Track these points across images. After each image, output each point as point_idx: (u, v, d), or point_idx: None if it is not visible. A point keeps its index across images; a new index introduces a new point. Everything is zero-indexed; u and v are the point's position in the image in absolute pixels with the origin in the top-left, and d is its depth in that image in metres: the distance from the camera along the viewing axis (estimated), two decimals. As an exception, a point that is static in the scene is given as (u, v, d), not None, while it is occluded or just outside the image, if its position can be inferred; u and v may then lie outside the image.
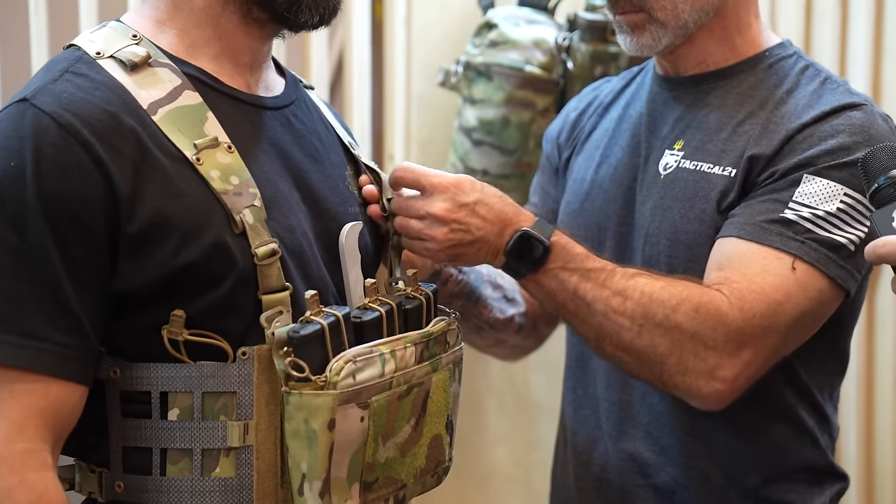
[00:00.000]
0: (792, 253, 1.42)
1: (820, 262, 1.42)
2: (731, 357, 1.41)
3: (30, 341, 1.13)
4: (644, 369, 1.44)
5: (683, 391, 1.43)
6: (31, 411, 1.13)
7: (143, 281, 1.16)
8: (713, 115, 1.54)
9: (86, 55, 1.21)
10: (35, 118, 1.14)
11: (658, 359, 1.41)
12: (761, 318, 1.41)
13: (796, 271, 1.42)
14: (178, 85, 1.22)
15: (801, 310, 1.42)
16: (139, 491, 1.19)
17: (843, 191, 1.43)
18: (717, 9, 1.54)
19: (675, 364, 1.41)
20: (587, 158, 1.67)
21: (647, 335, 1.40)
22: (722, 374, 1.41)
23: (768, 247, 1.42)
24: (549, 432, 2.48)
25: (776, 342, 1.43)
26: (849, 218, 1.43)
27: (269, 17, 1.26)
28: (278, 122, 1.30)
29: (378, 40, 2.37)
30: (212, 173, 1.19)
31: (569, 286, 1.41)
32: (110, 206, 1.14)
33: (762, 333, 1.41)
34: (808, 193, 1.43)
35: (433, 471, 1.29)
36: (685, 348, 1.40)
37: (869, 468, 2.44)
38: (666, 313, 1.40)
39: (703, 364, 1.41)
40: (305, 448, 1.15)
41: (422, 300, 1.30)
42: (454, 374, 1.32)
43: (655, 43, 1.54)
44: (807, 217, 1.42)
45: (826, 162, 1.44)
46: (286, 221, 1.23)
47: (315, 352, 1.16)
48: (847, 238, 1.43)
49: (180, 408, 1.18)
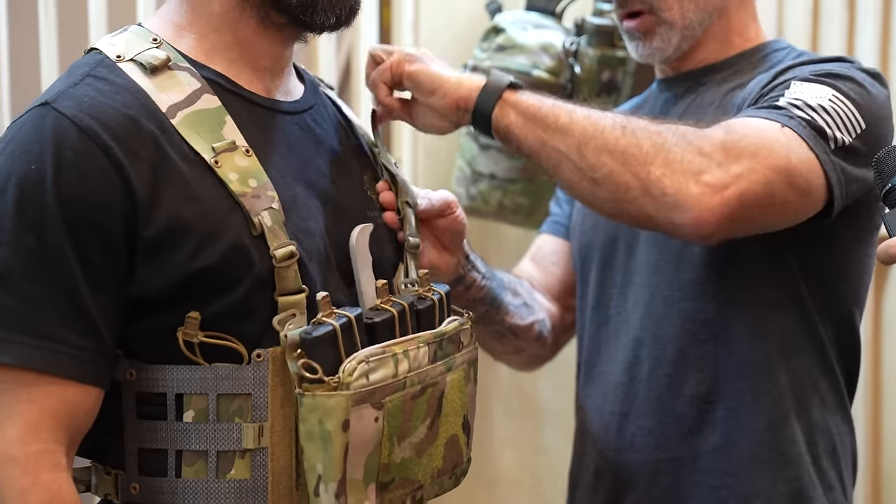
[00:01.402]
0: (781, 123, 1.41)
1: (806, 135, 1.41)
2: (719, 166, 1.35)
3: (46, 343, 1.13)
4: (629, 173, 1.36)
5: (670, 194, 1.35)
6: (46, 413, 1.14)
7: (160, 284, 1.17)
8: (706, 94, 1.58)
9: (106, 59, 1.22)
10: (56, 122, 1.15)
11: (643, 158, 1.35)
12: (747, 142, 1.37)
13: (784, 130, 1.40)
14: (197, 88, 1.23)
15: (789, 159, 1.38)
16: (154, 493, 1.20)
17: (832, 93, 1.44)
18: (720, 10, 1.59)
19: (662, 163, 1.34)
20: None
21: (630, 135, 1.37)
22: (707, 178, 1.34)
23: (758, 117, 1.42)
24: (555, 437, 2.49)
25: (765, 171, 1.36)
26: (836, 117, 1.43)
27: (286, 20, 1.27)
28: (297, 127, 1.31)
29: (385, 44, 2.37)
30: (230, 176, 1.19)
31: (547, 101, 1.41)
32: (128, 210, 1.15)
33: (749, 156, 1.36)
34: (799, 91, 1.45)
35: (451, 471, 1.30)
36: (671, 150, 1.35)
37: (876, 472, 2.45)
38: (647, 122, 1.40)
39: (688, 165, 1.35)
40: (320, 449, 1.15)
41: (434, 300, 1.30)
42: (469, 374, 1.32)
43: (665, 46, 1.57)
44: (798, 105, 1.43)
45: (814, 73, 1.47)
46: (303, 225, 1.24)
47: (327, 353, 1.17)
48: (832, 133, 1.42)
49: (195, 410, 1.19)
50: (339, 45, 2.36)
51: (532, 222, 2.22)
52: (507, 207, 2.17)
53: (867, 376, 2.40)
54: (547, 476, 2.49)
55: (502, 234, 2.37)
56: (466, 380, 1.31)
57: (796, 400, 1.54)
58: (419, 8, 2.35)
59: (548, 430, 2.49)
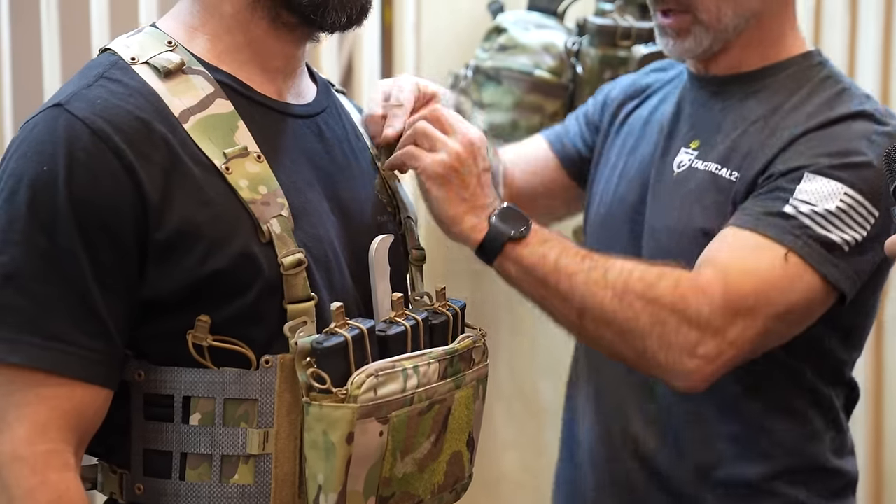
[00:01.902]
0: (786, 245, 1.42)
1: (813, 258, 1.42)
2: (714, 335, 1.40)
3: (56, 344, 1.14)
4: (626, 345, 1.42)
5: (665, 368, 1.42)
6: (55, 413, 1.14)
7: (170, 287, 1.17)
8: (729, 117, 1.57)
9: (121, 60, 1.22)
10: (68, 123, 1.15)
11: (639, 332, 1.40)
12: (745, 299, 1.40)
13: (788, 263, 1.41)
14: (211, 93, 1.22)
15: (789, 300, 1.42)
16: (158, 494, 1.20)
17: (844, 190, 1.43)
18: (758, 16, 1.56)
19: (657, 338, 1.40)
20: (620, 147, 1.69)
21: (628, 307, 1.40)
22: (702, 352, 1.40)
23: (763, 235, 1.43)
24: (556, 438, 2.49)
25: (760, 326, 1.41)
26: (847, 218, 1.43)
27: (297, 20, 1.26)
28: (309, 131, 1.30)
29: (387, 45, 2.37)
30: (240, 182, 1.19)
31: (549, 261, 1.41)
32: (140, 212, 1.15)
33: (746, 313, 1.40)
34: (809, 191, 1.43)
35: (451, 487, 1.30)
36: (667, 323, 1.39)
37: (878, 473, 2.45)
38: (646, 286, 1.40)
39: (684, 339, 1.40)
40: (323, 459, 1.16)
41: (448, 316, 1.30)
42: (478, 392, 1.32)
43: (697, 46, 1.56)
44: (805, 213, 1.42)
45: (828, 162, 1.45)
46: (314, 231, 1.24)
47: (337, 364, 1.17)
48: (842, 238, 1.43)
49: (202, 413, 1.19)
50: (340, 46, 2.35)
51: (533, 222, 2.22)
52: None
53: (868, 379, 2.40)
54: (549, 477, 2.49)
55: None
56: (475, 397, 1.31)
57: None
58: (421, 8, 2.34)
59: (549, 431, 2.49)
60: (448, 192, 1.38)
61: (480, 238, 1.40)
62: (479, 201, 1.39)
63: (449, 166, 1.36)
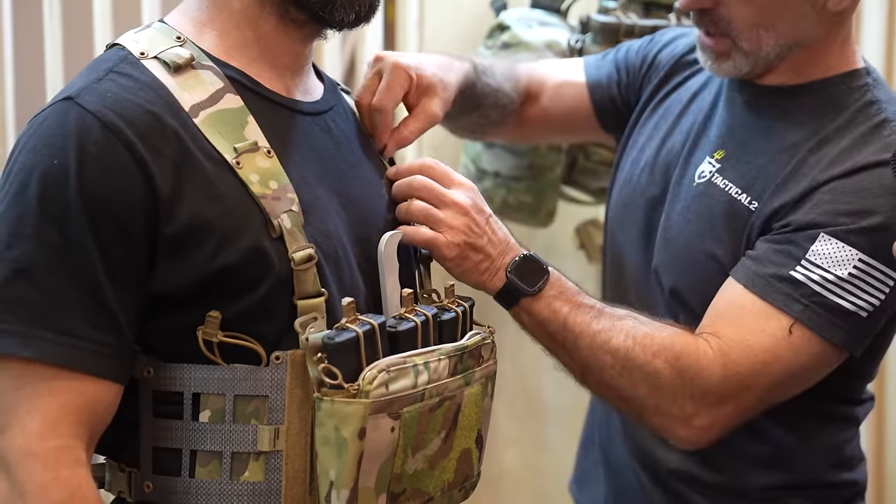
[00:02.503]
0: (793, 315, 1.41)
1: (822, 327, 1.41)
2: (710, 408, 1.42)
3: (67, 339, 1.13)
4: (624, 407, 1.48)
5: (661, 431, 1.46)
6: (67, 408, 1.13)
7: (181, 282, 1.16)
8: (759, 136, 1.53)
9: (130, 55, 1.22)
10: (79, 117, 1.15)
11: (637, 400, 1.44)
12: (744, 377, 1.42)
13: (792, 335, 1.41)
14: (220, 88, 1.22)
15: (790, 371, 1.43)
16: (168, 492, 1.20)
17: (858, 256, 1.41)
18: (801, 42, 1.50)
19: (653, 407, 1.43)
20: (653, 129, 1.67)
21: (627, 376, 1.42)
22: (698, 423, 1.43)
23: (770, 304, 1.42)
24: (558, 435, 2.49)
25: (757, 398, 1.44)
26: (861, 283, 1.41)
27: (306, 17, 1.26)
28: (318, 128, 1.30)
29: (390, 42, 2.36)
30: (251, 177, 1.19)
31: (560, 317, 1.42)
32: (150, 206, 1.15)
33: (743, 391, 1.42)
34: (822, 254, 1.41)
35: (461, 485, 1.30)
36: (663, 394, 1.42)
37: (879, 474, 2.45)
38: (647, 358, 1.41)
39: (679, 410, 1.42)
40: (334, 455, 1.15)
41: (458, 312, 1.30)
42: (487, 389, 1.32)
43: (735, 70, 1.53)
44: (816, 280, 1.41)
45: (845, 224, 1.41)
46: (323, 227, 1.23)
47: (349, 359, 1.16)
48: (856, 305, 1.41)
49: (212, 410, 1.19)
50: (343, 43, 2.34)
51: (536, 220, 2.22)
52: (511, 205, 2.16)
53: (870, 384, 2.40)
54: (550, 474, 2.50)
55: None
56: (484, 394, 1.31)
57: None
58: (424, 5, 2.33)
59: (551, 428, 2.50)
60: (466, 267, 1.37)
61: (498, 288, 1.41)
62: (496, 262, 1.39)
63: (462, 244, 1.35)
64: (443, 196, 1.35)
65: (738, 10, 1.47)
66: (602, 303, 1.46)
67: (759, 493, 1.56)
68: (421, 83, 1.46)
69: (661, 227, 1.59)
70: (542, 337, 1.44)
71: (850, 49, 1.54)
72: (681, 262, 1.55)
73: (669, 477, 1.60)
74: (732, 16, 1.48)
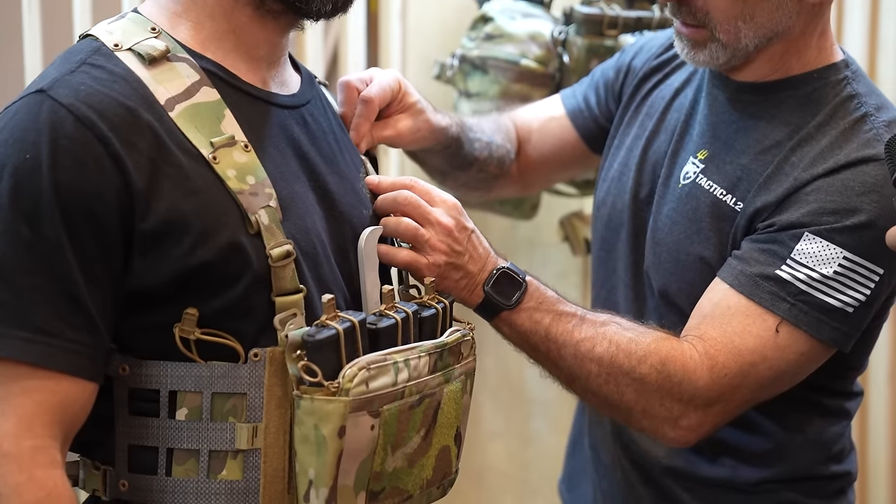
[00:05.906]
0: (779, 314, 1.41)
1: (809, 324, 1.41)
2: (697, 410, 1.43)
3: (41, 337, 1.11)
4: (611, 412, 1.48)
5: (649, 433, 1.47)
6: (41, 408, 1.12)
7: (157, 279, 1.15)
8: (740, 135, 1.52)
9: (104, 47, 1.19)
10: (52, 110, 1.12)
11: (624, 405, 1.44)
12: (731, 378, 1.42)
13: (779, 334, 1.41)
14: (196, 81, 1.20)
15: (777, 370, 1.43)
16: (143, 490, 1.18)
17: (843, 254, 1.40)
18: (780, 34, 1.49)
19: (641, 411, 1.43)
20: (638, 129, 1.66)
21: (613, 383, 1.42)
22: (686, 424, 1.43)
23: (757, 304, 1.42)
24: (543, 428, 2.48)
25: (745, 398, 1.44)
26: (847, 280, 1.41)
27: (282, 7, 1.24)
28: (295, 122, 1.28)
29: (373, 34, 2.34)
30: (228, 172, 1.17)
31: (541, 328, 1.41)
32: (125, 201, 1.13)
33: (730, 392, 1.43)
34: (807, 253, 1.41)
35: (439, 482, 1.29)
36: (650, 398, 1.42)
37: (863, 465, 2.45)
38: (632, 364, 1.41)
39: (667, 413, 1.43)
40: (314, 454, 1.14)
41: (438, 309, 1.29)
42: (466, 386, 1.31)
43: (712, 60, 1.51)
44: (802, 279, 1.41)
45: (829, 223, 1.41)
46: (301, 223, 1.22)
47: (329, 357, 1.15)
48: (842, 301, 1.41)
49: (189, 408, 1.17)
50: (326, 34, 2.32)
51: (519, 213, 2.21)
52: (496, 198, 2.15)
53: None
54: (535, 467, 2.49)
55: (489, 224, 2.35)
56: (463, 391, 1.30)
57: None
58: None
59: (536, 421, 2.49)
60: (445, 285, 1.37)
61: (477, 303, 1.40)
62: (476, 278, 1.39)
63: (442, 265, 1.35)
64: (427, 214, 1.35)
65: (716, 1, 1.46)
66: (583, 308, 1.45)
67: (752, 487, 1.56)
68: (405, 100, 1.49)
69: (650, 229, 1.58)
70: (525, 347, 1.44)
71: (828, 41, 1.53)
72: (670, 264, 1.54)
73: (660, 473, 1.59)
74: (710, 6, 1.47)
